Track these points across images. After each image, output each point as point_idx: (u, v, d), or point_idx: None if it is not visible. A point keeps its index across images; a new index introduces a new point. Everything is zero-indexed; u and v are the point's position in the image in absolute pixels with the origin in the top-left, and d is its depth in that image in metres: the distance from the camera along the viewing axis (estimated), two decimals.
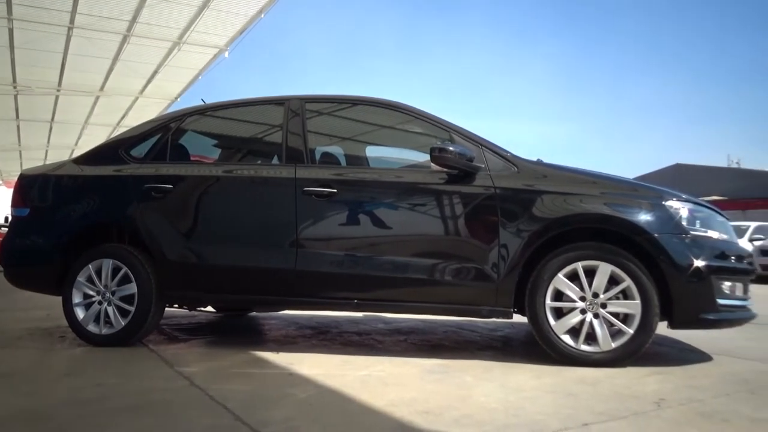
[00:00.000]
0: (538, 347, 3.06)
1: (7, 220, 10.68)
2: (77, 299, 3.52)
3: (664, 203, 3.03)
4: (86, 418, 2.13)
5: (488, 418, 2.10)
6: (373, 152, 4.08)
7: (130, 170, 3.70)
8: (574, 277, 2.98)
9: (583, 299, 2.96)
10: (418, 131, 3.66)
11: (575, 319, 2.95)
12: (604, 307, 2.94)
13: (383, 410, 2.19)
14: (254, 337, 4.09)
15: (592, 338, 2.93)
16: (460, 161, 3.09)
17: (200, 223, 3.54)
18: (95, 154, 3.96)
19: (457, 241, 3.18)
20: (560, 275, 2.98)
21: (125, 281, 3.48)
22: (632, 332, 2.88)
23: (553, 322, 2.98)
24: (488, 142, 3.28)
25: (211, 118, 4.00)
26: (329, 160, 3.85)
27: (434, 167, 3.17)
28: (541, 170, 3.20)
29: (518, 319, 3.24)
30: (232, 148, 4.34)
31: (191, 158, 3.91)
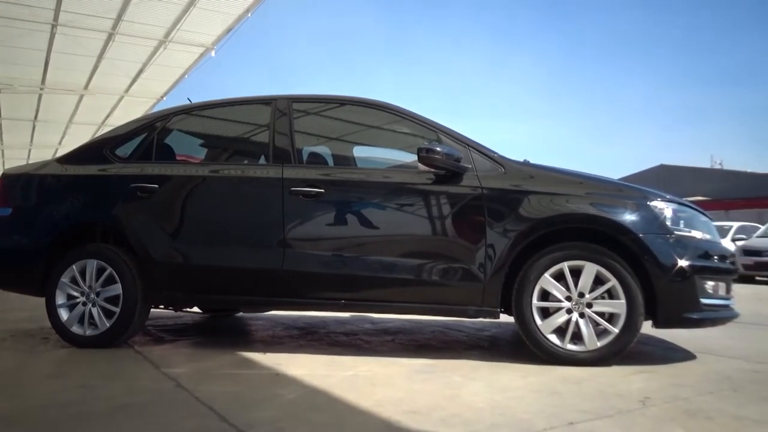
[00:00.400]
0: (524, 347, 3.07)
1: None
2: (61, 300, 3.48)
3: (648, 203, 3.06)
4: (70, 420, 2.11)
5: (475, 417, 2.11)
6: (360, 152, 4.08)
7: (115, 170, 3.66)
8: (560, 277, 3.00)
9: (569, 299, 2.98)
10: (405, 131, 3.67)
11: (561, 318, 2.98)
12: (589, 306, 2.96)
13: (371, 410, 2.19)
14: (241, 337, 4.07)
15: (578, 338, 2.96)
16: (447, 162, 3.09)
17: (186, 223, 3.52)
18: (79, 153, 3.92)
19: (444, 241, 3.19)
20: (546, 275, 3.00)
21: (110, 282, 3.44)
22: (617, 331, 2.91)
23: (539, 321, 2.99)
24: (475, 142, 3.30)
25: (197, 117, 3.97)
26: (316, 160, 3.84)
27: (422, 167, 3.18)
28: (527, 171, 3.22)
29: (505, 318, 3.25)
30: (218, 147, 4.31)
31: (177, 158, 3.88)
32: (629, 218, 3.00)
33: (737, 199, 28.73)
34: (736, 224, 14.63)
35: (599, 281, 2.96)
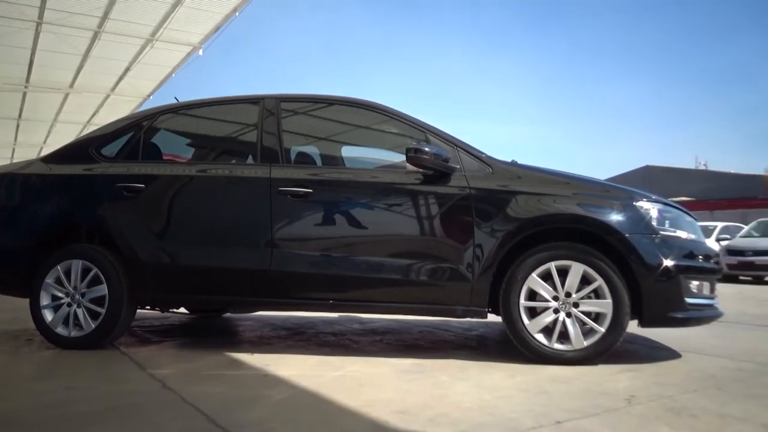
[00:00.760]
0: (512, 346, 3.09)
1: None
2: (45, 301, 3.44)
3: (634, 204, 3.09)
4: (55, 422, 2.08)
5: (463, 417, 2.11)
6: (348, 152, 4.07)
7: (100, 169, 3.63)
8: (547, 276, 3.02)
9: (556, 299, 3.00)
10: (393, 131, 3.67)
11: (548, 318, 2.99)
12: (576, 306, 2.98)
13: (359, 410, 2.19)
14: (228, 338, 4.05)
15: (564, 337, 2.98)
16: (435, 162, 3.10)
17: (173, 223, 3.49)
18: (65, 152, 3.88)
19: (432, 241, 3.19)
20: (534, 275, 3.01)
21: (95, 282, 3.41)
22: (604, 331, 2.93)
23: (527, 321, 3.01)
24: (463, 143, 3.31)
25: (184, 116, 3.95)
26: (304, 159, 3.83)
27: (410, 168, 3.19)
28: (515, 171, 3.24)
29: (492, 318, 3.27)
30: (205, 147, 4.29)
31: (164, 157, 3.85)
32: (616, 218, 3.02)
33: (721, 199, 29.06)
34: (720, 224, 14.83)
35: (586, 281, 2.98)
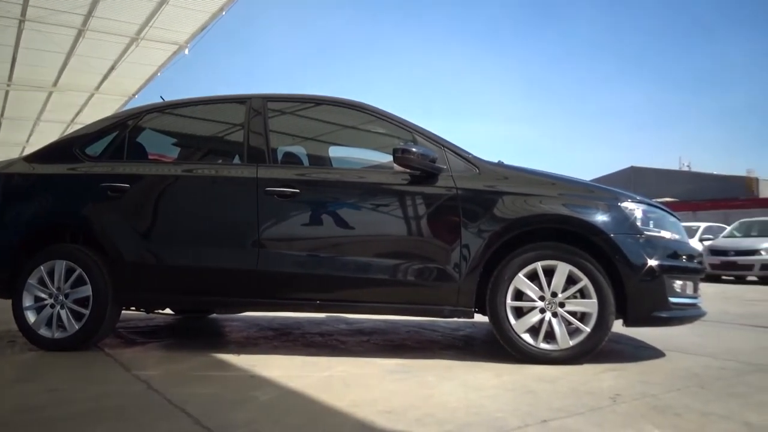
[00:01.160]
0: (498, 346, 3.10)
1: None
2: (28, 302, 3.40)
3: (619, 204, 3.12)
4: (39, 425, 2.06)
5: (450, 416, 2.12)
6: (336, 152, 4.07)
7: (85, 169, 3.59)
8: (533, 276, 3.04)
9: (542, 298, 3.02)
10: (381, 132, 3.67)
11: (535, 318, 3.01)
12: (562, 306, 3.00)
13: (346, 411, 2.19)
14: (214, 339, 4.02)
15: (551, 336, 3.00)
16: (422, 162, 3.11)
17: (159, 223, 3.47)
18: (48, 151, 3.83)
19: (419, 241, 3.20)
20: (520, 275, 3.03)
21: (79, 283, 3.37)
22: (589, 330, 2.96)
23: (513, 321, 3.02)
24: (450, 143, 3.32)
25: (170, 116, 3.92)
26: (291, 159, 3.82)
27: (397, 168, 3.19)
28: (501, 172, 3.25)
29: (479, 318, 3.28)
30: (191, 146, 4.26)
31: (149, 157, 3.82)
32: (601, 219, 3.05)
33: (704, 200, 29.45)
34: (703, 225, 15.02)
35: (571, 281, 3.01)
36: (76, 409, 2.24)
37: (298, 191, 3.25)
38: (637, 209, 3.12)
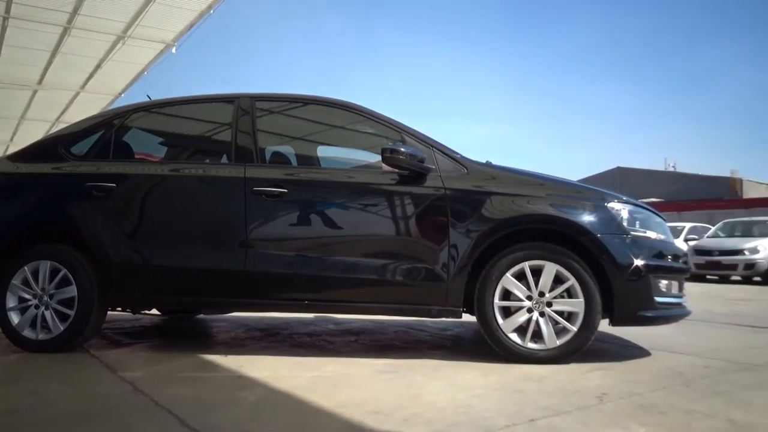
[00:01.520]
0: (486, 346, 3.12)
1: None
2: (11, 303, 3.35)
3: (606, 204, 3.14)
4: (23, 427, 2.04)
5: (438, 416, 2.12)
6: (324, 152, 4.06)
7: (70, 168, 3.55)
8: (521, 276, 3.05)
9: (530, 298, 3.03)
10: (369, 132, 3.67)
11: (522, 317, 3.03)
12: (549, 305, 3.02)
13: (334, 411, 2.18)
14: (201, 340, 4.00)
15: (538, 336, 3.01)
16: (411, 162, 3.11)
17: (145, 223, 3.44)
18: (33, 150, 3.79)
19: (407, 241, 3.20)
20: (508, 275, 3.04)
21: (64, 284, 3.33)
22: (576, 330, 2.98)
23: (501, 321, 3.04)
24: (439, 143, 3.32)
25: (157, 115, 3.90)
26: (280, 159, 3.81)
27: (385, 168, 3.19)
28: (489, 172, 3.27)
29: (467, 318, 3.29)
30: (179, 146, 4.23)
31: (136, 156, 3.79)
32: (588, 219, 3.07)
33: (689, 200, 29.76)
34: (688, 225, 15.19)
35: (559, 280, 3.02)
36: (60, 411, 2.21)
37: (286, 191, 3.24)
38: (623, 209, 3.15)
